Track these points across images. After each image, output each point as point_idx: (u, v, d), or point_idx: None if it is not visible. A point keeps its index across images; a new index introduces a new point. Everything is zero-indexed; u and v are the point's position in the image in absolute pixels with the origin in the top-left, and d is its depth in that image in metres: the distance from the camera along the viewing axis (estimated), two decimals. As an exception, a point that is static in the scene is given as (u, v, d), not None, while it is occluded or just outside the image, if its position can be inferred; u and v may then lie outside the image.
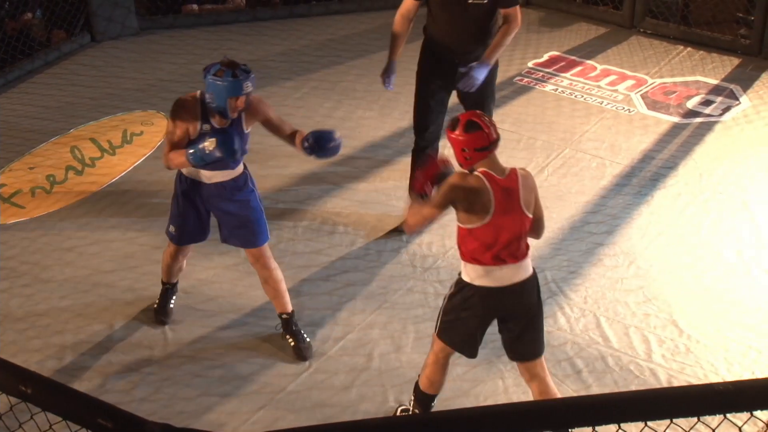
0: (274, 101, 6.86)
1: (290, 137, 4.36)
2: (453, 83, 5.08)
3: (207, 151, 4.04)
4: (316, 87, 7.15)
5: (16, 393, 2.18)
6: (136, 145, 6.34)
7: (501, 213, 3.57)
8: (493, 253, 3.62)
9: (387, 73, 5.19)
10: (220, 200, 4.38)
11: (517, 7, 4.90)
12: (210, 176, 4.32)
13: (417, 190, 3.86)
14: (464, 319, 3.76)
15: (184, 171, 4.36)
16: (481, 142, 3.58)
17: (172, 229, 4.52)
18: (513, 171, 3.64)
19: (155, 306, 4.81)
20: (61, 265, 5.19)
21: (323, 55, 7.65)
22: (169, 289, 4.80)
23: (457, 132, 3.60)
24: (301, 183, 5.96)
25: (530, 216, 3.66)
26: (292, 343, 4.56)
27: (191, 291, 4.99)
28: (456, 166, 3.76)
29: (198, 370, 4.48)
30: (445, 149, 5.31)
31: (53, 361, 4.51)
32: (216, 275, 5.11)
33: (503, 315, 3.79)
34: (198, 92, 4.23)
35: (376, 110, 6.75)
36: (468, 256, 3.67)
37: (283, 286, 4.53)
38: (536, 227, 3.75)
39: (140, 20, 8.01)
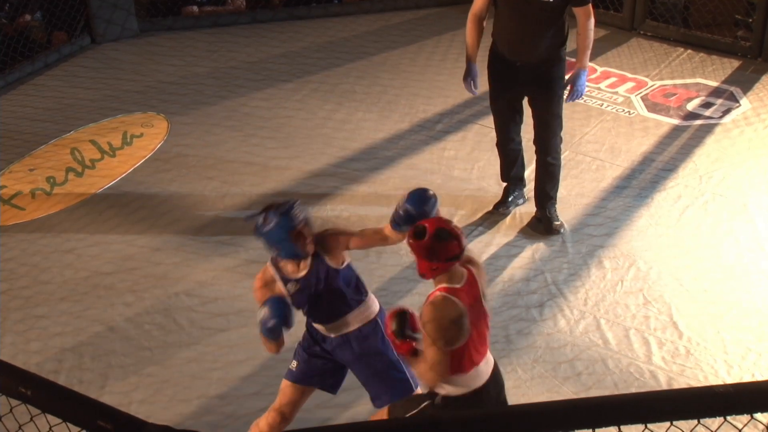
0: (273, 103, 6.88)
1: (384, 235, 3.65)
2: (522, 87, 5.12)
3: (259, 318, 3.54)
4: (316, 89, 7.15)
5: (15, 395, 2.17)
6: (136, 146, 6.34)
7: (474, 322, 3.32)
8: (473, 363, 3.36)
9: (469, 77, 5.11)
10: (350, 351, 3.79)
11: (590, 4, 4.92)
12: (327, 329, 3.76)
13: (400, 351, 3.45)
14: None
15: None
16: (458, 250, 3.26)
17: (294, 365, 3.87)
18: (469, 273, 3.34)
19: None
20: (60, 266, 5.19)
21: (323, 57, 7.65)
22: None
23: (424, 241, 3.23)
24: (301, 185, 5.95)
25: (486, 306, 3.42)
26: None
27: (191, 293, 4.98)
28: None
29: (197, 371, 4.47)
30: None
31: (53, 362, 4.51)
32: (215, 277, 5.10)
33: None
34: (268, 263, 3.73)
35: (376, 112, 6.75)
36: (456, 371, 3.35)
37: None
38: None
39: (140, 22, 8.01)
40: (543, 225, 5.42)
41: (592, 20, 4.95)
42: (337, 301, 3.69)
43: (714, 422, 2.06)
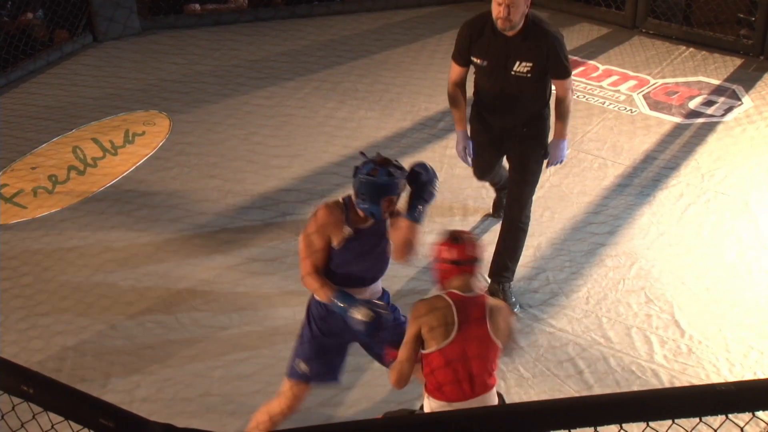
0: (275, 101, 6.88)
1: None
2: (502, 146, 4.85)
3: (352, 316, 3.56)
4: (318, 87, 7.14)
5: (18, 393, 2.18)
6: (138, 145, 6.34)
7: (463, 338, 3.32)
8: (459, 386, 3.34)
9: (462, 145, 4.82)
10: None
11: (570, 78, 4.66)
12: (355, 293, 3.70)
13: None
14: None
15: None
16: (459, 255, 3.39)
17: (303, 367, 3.80)
18: (480, 297, 3.40)
19: None
20: (62, 265, 5.19)
21: (325, 56, 7.65)
22: None
23: (439, 241, 3.44)
24: (302, 183, 5.96)
25: (498, 345, 3.38)
26: None
27: (193, 291, 4.99)
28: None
29: (199, 370, 4.48)
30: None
31: (55, 361, 4.51)
32: (218, 275, 5.11)
33: None
34: (341, 198, 3.72)
35: (378, 111, 6.75)
36: (431, 387, 3.39)
37: None
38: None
39: (142, 20, 8.01)
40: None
41: (571, 94, 4.69)
42: (377, 266, 3.74)
43: (716, 420, 2.06)
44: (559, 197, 5.78)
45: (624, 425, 1.99)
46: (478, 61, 4.58)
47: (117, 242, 5.38)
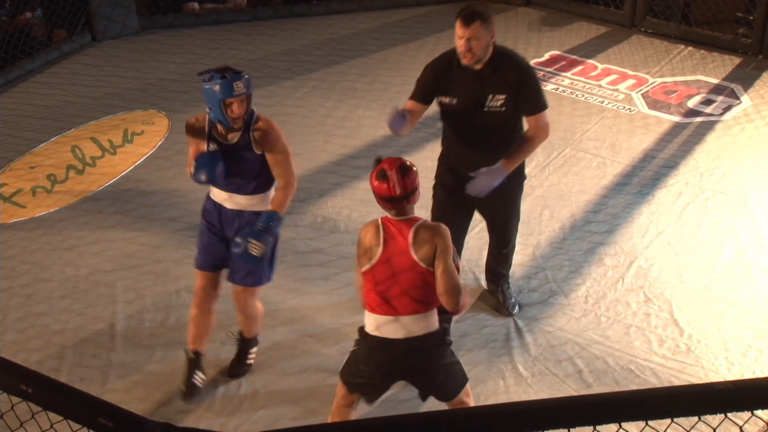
0: (274, 101, 6.87)
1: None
2: (473, 203, 4.44)
3: (191, 171, 4.04)
4: (317, 86, 7.14)
5: (16, 392, 2.18)
6: (137, 144, 6.34)
7: (386, 259, 3.46)
8: (381, 299, 3.49)
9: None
10: (234, 229, 4.11)
11: (545, 114, 4.22)
12: (224, 198, 4.12)
13: None
14: (363, 369, 3.61)
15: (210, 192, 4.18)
16: (385, 193, 3.48)
17: (195, 253, 4.26)
18: (412, 220, 3.49)
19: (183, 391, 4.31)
20: (61, 264, 5.19)
21: (323, 55, 7.65)
22: (192, 360, 4.29)
23: (371, 173, 3.51)
24: (302, 182, 5.92)
25: (425, 268, 3.45)
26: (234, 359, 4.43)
27: (192, 290, 4.98)
28: None
29: (198, 369, 4.47)
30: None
31: (54, 360, 4.51)
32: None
33: (399, 370, 3.59)
34: (203, 112, 4.07)
35: (377, 109, 6.75)
36: (365, 302, 3.58)
37: (255, 320, 4.35)
38: (441, 289, 3.44)
39: (141, 20, 8.01)
40: (495, 301, 4.84)
41: (545, 133, 4.25)
42: (240, 177, 4.03)
43: (714, 419, 2.06)
44: (558, 196, 5.78)
45: (623, 424, 1.99)
46: (447, 100, 4.19)
47: (116, 241, 5.37)
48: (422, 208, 4.01)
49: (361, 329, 3.63)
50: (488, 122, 4.17)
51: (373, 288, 3.51)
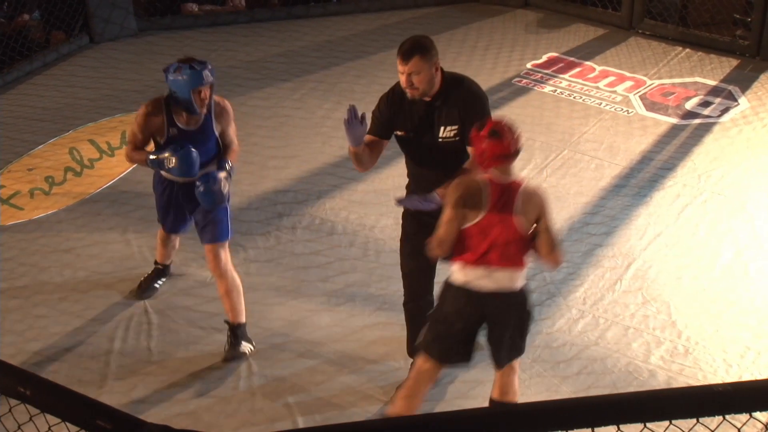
0: (272, 102, 6.88)
1: (221, 150, 4.51)
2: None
3: (167, 166, 4.30)
4: (315, 88, 7.15)
5: (14, 395, 2.17)
6: (135, 146, 6.33)
7: (493, 215, 3.62)
8: (480, 254, 3.65)
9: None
10: (191, 198, 4.45)
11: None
12: (185, 181, 4.46)
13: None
14: (451, 324, 3.73)
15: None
16: (500, 151, 3.62)
17: (158, 215, 4.71)
18: (518, 181, 3.66)
19: (141, 281, 4.98)
20: (59, 266, 5.19)
21: (321, 57, 7.66)
22: (159, 270, 4.99)
23: (482, 134, 3.65)
24: (299, 184, 5.96)
25: (526, 228, 3.65)
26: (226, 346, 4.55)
27: (190, 292, 4.99)
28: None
29: (196, 371, 4.47)
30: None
31: (52, 362, 4.51)
32: (212, 280, 5.09)
33: (487, 319, 3.75)
34: (159, 97, 4.42)
35: (375, 111, 6.74)
36: (457, 257, 3.69)
37: (235, 293, 4.50)
38: (542, 250, 3.71)
39: (138, 21, 8.01)
40: None
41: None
42: (201, 159, 4.34)
43: (713, 421, 2.06)
44: (555, 198, 5.78)
45: (621, 426, 1.99)
46: (402, 133, 4.07)
47: (114, 243, 5.37)
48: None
49: (450, 285, 3.73)
50: (444, 152, 4.02)
51: (473, 243, 3.63)
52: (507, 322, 3.76)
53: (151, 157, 4.34)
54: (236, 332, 4.53)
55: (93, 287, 5.02)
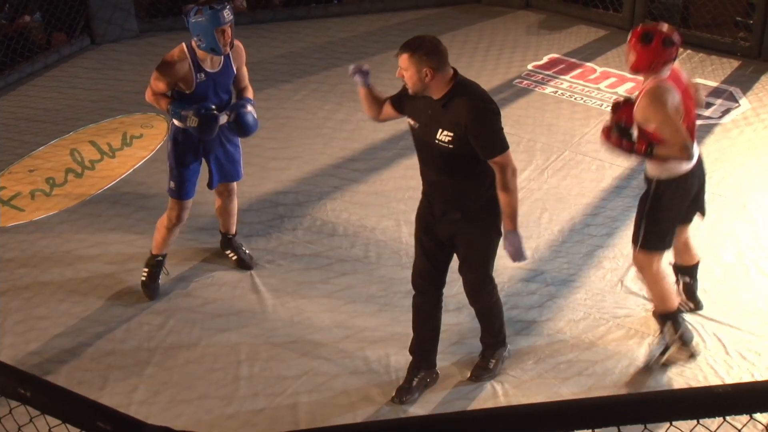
0: (273, 103, 6.88)
1: (238, 92, 4.78)
2: (444, 239, 4.18)
3: (188, 124, 4.46)
4: (316, 89, 7.15)
5: (15, 396, 2.17)
6: (136, 147, 6.34)
7: (686, 99, 4.23)
8: (690, 137, 4.20)
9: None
10: (219, 143, 4.70)
11: (505, 156, 3.90)
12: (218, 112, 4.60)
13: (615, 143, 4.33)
14: (678, 210, 4.37)
15: (176, 123, 4.61)
16: (673, 56, 4.19)
17: (172, 184, 4.74)
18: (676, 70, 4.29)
19: (144, 279, 4.96)
20: (60, 267, 5.19)
21: (323, 58, 7.66)
22: (160, 261, 4.96)
23: (653, 45, 4.14)
24: (300, 185, 5.96)
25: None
26: (234, 257, 5.13)
27: (191, 294, 4.99)
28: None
29: (197, 372, 4.48)
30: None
31: (52, 364, 4.51)
32: (215, 277, 5.11)
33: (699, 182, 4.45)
34: (182, 45, 4.51)
35: (376, 113, 6.74)
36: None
37: (236, 211, 5.11)
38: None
39: (140, 23, 8.01)
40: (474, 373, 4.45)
41: (511, 171, 3.92)
42: (224, 97, 4.62)
43: (713, 422, 2.06)
44: (557, 199, 5.79)
45: (622, 428, 1.99)
46: (411, 122, 4.08)
47: (115, 245, 5.37)
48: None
49: (668, 182, 4.28)
50: (439, 155, 3.98)
51: (688, 126, 4.18)
52: (703, 178, 4.44)
53: (178, 109, 4.47)
54: (236, 240, 5.18)
55: (94, 289, 5.02)
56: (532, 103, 6.97)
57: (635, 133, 4.20)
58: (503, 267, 5.16)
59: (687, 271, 4.80)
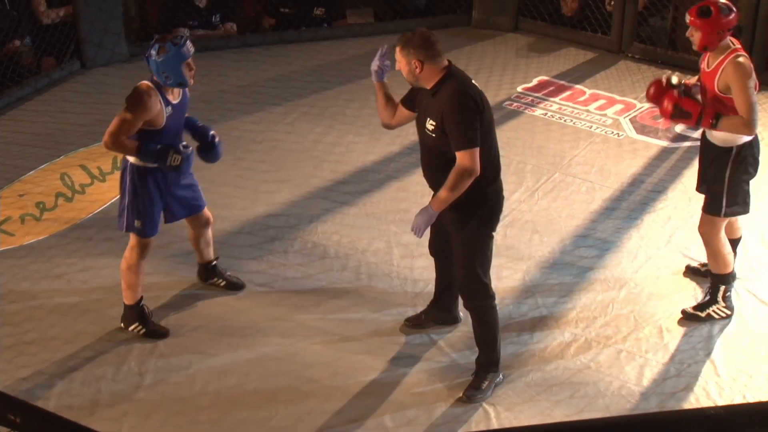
0: (263, 126, 6.89)
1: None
2: (446, 222, 4.31)
3: (170, 163, 4.44)
4: (306, 112, 7.16)
5: (5, 422, 2.16)
6: (126, 171, 6.32)
7: None
8: None
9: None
10: (174, 180, 4.64)
11: (466, 153, 4.02)
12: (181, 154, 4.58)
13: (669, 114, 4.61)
14: (752, 176, 4.68)
15: (134, 161, 4.54)
16: (734, 23, 4.45)
17: (138, 223, 4.60)
18: None
19: (142, 333, 4.79)
20: (50, 292, 5.17)
21: (313, 81, 7.68)
22: (141, 306, 4.81)
23: (714, 16, 4.40)
24: (291, 208, 5.96)
25: None
26: (223, 282, 5.11)
27: (181, 319, 4.97)
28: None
29: (187, 396, 4.45)
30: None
31: (42, 389, 4.48)
32: (206, 301, 5.09)
33: None
34: (146, 82, 4.45)
35: (366, 135, 6.76)
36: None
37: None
38: None
39: (130, 46, 8.02)
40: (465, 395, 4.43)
41: (466, 169, 4.02)
42: (182, 127, 4.65)
43: (706, 445, 2.06)
44: (547, 221, 5.80)
45: (614, 450, 1.99)
46: (416, 114, 4.32)
47: (105, 269, 5.35)
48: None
49: (739, 148, 4.59)
50: (428, 143, 4.22)
51: None
52: None
53: (149, 149, 4.41)
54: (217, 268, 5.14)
55: (84, 313, 5.00)
56: (522, 125, 7.00)
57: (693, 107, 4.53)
58: (494, 288, 5.17)
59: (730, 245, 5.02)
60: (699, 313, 4.91)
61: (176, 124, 4.57)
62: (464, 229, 4.25)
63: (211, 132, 4.76)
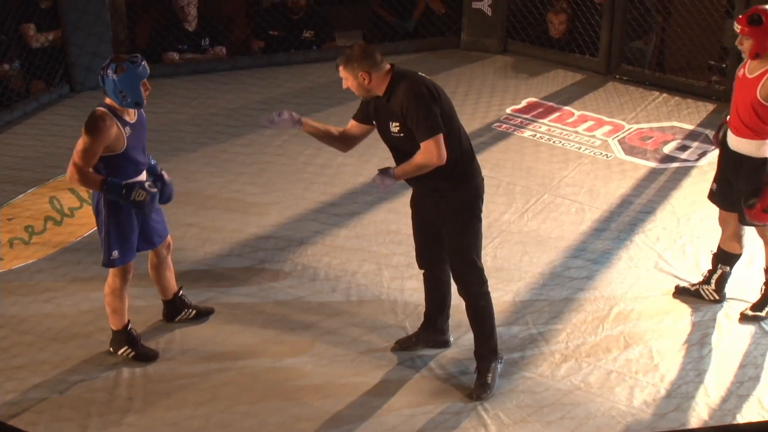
0: (254, 149, 6.90)
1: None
2: (429, 215, 4.50)
3: (134, 198, 4.37)
4: (296, 134, 7.13)
5: (-7, 448, 2.15)
6: (116, 194, 6.31)
7: None
8: None
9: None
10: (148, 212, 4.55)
11: (430, 141, 4.13)
12: (142, 177, 4.59)
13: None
14: None
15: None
16: None
17: (115, 254, 4.54)
18: None
19: (131, 356, 4.77)
20: (39, 316, 5.15)
21: (302, 103, 7.69)
22: (129, 330, 4.78)
23: (765, 24, 4.45)
24: (281, 230, 5.95)
25: None
26: (194, 311, 5.05)
27: (171, 341, 4.95)
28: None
29: (178, 419, 4.43)
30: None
31: (31, 414, 4.45)
32: (196, 324, 5.07)
33: None
34: (99, 108, 4.40)
35: (356, 157, 6.76)
36: None
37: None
38: None
39: (120, 70, 8.01)
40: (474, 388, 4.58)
41: (429, 156, 4.15)
42: (145, 152, 4.59)
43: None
44: (537, 242, 5.81)
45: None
46: (375, 124, 4.41)
47: (94, 292, 5.32)
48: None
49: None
50: (398, 146, 4.32)
51: None
52: None
53: (115, 183, 4.37)
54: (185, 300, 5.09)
55: (73, 337, 4.98)
56: (511, 147, 7.02)
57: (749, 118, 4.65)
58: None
59: (729, 260, 5.06)
60: (760, 313, 5.03)
61: (138, 142, 4.50)
62: (456, 219, 4.36)
63: (166, 177, 4.73)
